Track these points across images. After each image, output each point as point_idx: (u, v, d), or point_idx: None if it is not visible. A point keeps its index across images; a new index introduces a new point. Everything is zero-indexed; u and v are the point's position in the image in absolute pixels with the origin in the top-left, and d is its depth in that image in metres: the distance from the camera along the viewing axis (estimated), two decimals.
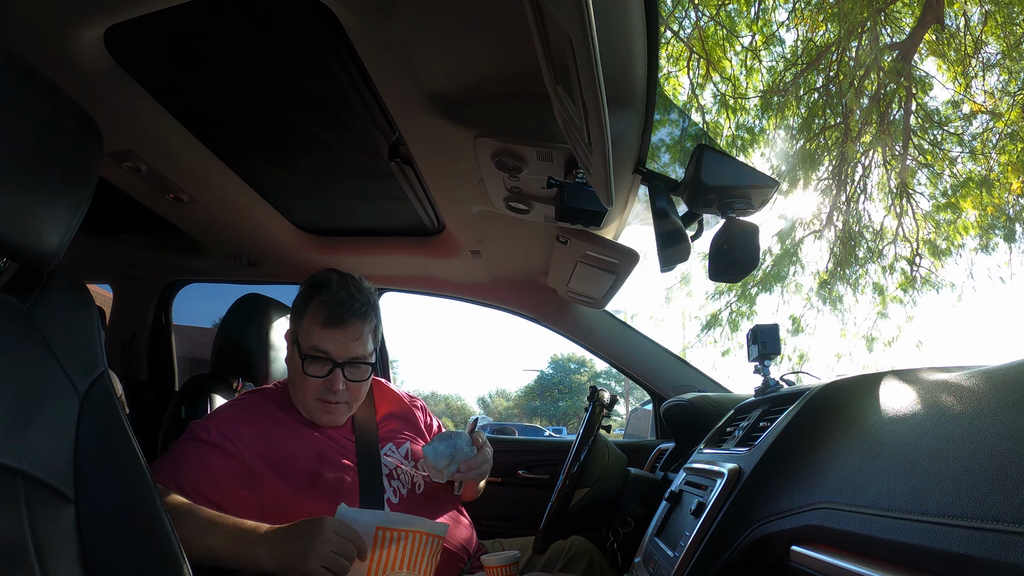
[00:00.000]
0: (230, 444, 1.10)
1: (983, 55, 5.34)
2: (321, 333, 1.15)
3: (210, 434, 1.11)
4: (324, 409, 1.18)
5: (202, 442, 1.10)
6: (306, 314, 1.17)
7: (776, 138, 5.69)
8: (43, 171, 0.70)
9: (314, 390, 1.17)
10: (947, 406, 0.51)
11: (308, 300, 1.18)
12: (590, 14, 0.48)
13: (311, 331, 1.15)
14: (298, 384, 1.18)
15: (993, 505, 0.37)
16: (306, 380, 1.15)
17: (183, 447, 1.11)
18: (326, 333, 1.15)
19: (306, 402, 1.18)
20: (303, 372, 1.15)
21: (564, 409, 30.58)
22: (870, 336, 6.39)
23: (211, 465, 1.08)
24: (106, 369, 0.80)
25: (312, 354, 1.15)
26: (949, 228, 5.85)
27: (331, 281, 1.18)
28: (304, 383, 1.16)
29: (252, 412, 1.18)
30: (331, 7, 0.82)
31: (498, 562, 1.11)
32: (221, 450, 1.10)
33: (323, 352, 1.15)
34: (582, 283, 1.59)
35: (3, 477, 0.64)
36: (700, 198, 0.96)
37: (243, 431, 1.13)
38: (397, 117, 1.07)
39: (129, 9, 0.83)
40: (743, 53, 5.33)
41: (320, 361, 1.15)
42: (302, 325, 1.17)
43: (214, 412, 1.19)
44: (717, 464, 0.86)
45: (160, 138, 1.18)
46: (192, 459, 1.08)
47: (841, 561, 0.49)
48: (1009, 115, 5.35)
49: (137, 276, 2.10)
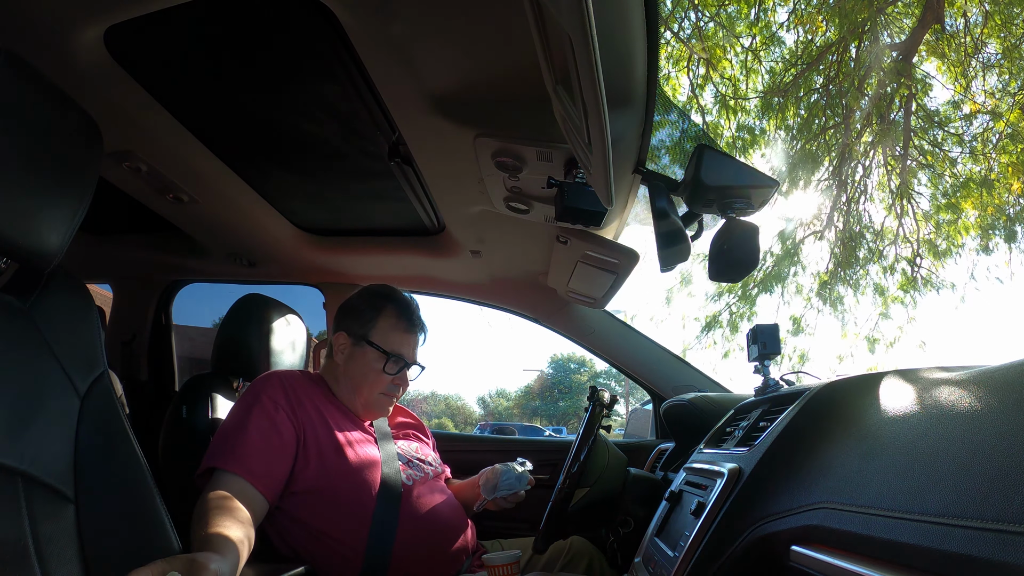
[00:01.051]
0: (294, 406, 1.17)
1: (983, 55, 5.34)
2: (402, 337, 1.31)
3: (277, 398, 1.17)
4: (387, 402, 1.33)
5: (273, 409, 1.15)
6: (379, 320, 1.31)
7: (776, 139, 5.68)
8: (43, 171, 0.70)
9: (384, 385, 1.30)
10: (947, 406, 0.51)
11: (379, 307, 1.32)
12: (590, 14, 0.48)
13: (392, 335, 1.30)
14: (366, 380, 1.28)
15: (993, 505, 0.37)
16: (381, 376, 1.28)
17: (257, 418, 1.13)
18: (405, 338, 1.32)
19: (371, 395, 1.29)
20: (381, 370, 1.28)
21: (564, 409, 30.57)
22: (871, 337, 6.37)
23: (277, 440, 1.12)
24: (106, 369, 0.80)
25: (395, 355, 1.29)
26: (950, 228, 5.84)
27: (397, 294, 1.36)
28: (379, 379, 1.28)
29: (301, 390, 1.23)
30: (331, 7, 0.82)
31: (500, 561, 1.11)
32: (285, 414, 1.16)
33: (401, 354, 1.30)
34: (582, 283, 1.59)
35: (3, 477, 0.64)
36: (700, 198, 0.96)
37: (315, 396, 1.23)
38: (397, 117, 1.07)
39: (129, 9, 0.83)
40: (743, 54, 5.33)
41: (399, 362, 1.30)
42: (377, 328, 1.30)
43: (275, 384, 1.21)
44: (717, 464, 0.85)
45: (160, 138, 1.18)
46: (265, 436, 1.11)
47: (841, 561, 0.49)
48: (1009, 115, 5.35)
49: (137, 276, 2.10)
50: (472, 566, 1.28)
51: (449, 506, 1.29)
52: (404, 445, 1.35)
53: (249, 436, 1.09)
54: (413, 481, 1.25)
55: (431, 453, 1.41)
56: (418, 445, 1.40)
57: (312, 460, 1.14)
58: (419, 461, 1.33)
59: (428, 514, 1.22)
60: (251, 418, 1.12)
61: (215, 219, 1.57)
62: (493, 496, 1.31)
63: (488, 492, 1.31)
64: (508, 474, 1.31)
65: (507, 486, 1.30)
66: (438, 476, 1.36)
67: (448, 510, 1.28)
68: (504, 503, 1.34)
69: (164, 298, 2.14)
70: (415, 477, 1.27)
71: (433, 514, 1.23)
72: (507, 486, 1.30)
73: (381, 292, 1.35)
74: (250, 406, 1.14)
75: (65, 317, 0.77)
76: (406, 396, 1.42)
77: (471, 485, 1.40)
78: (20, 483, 0.65)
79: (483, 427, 22.64)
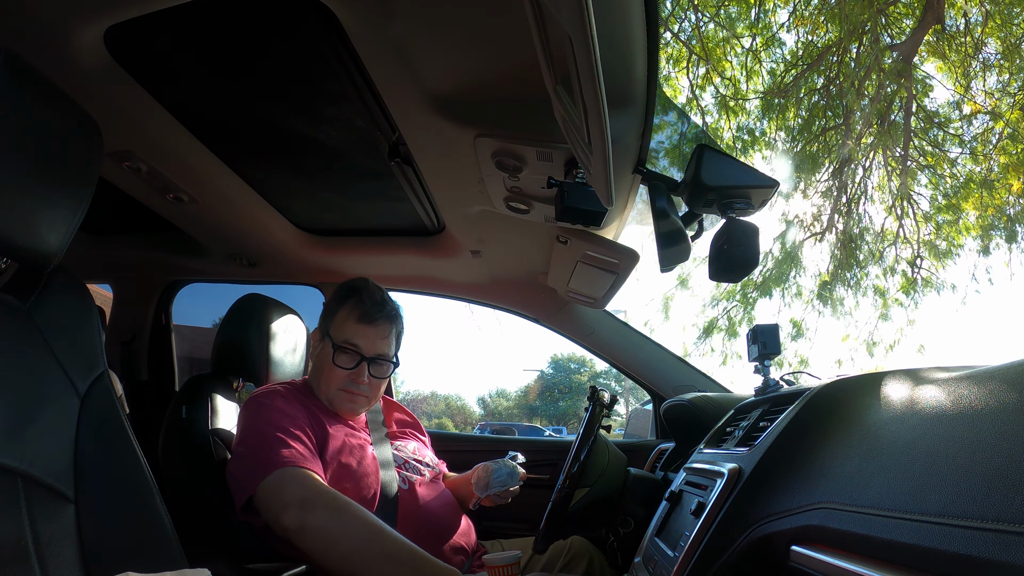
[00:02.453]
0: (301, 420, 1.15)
1: (983, 56, 5.34)
2: (354, 328, 1.23)
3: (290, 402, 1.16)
4: (347, 398, 1.24)
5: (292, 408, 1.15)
6: (340, 311, 1.25)
7: (777, 140, 5.68)
8: (43, 171, 0.70)
9: (340, 380, 1.23)
10: (947, 406, 0.51)
11: (343, 300, 1.26)
12: (590, 14, 0.48)
13: (344, 326, 1.23)
14: (324, 374, 1.24)
15: (993, 505, 0.36)
16: (334, 370, 1.22)
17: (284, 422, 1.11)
18: (359, 329, 1.23)
19: (329, 391, 1.24)
20: (332, 363, 1.21)
21: (564, 409, 30.55)
22: (871, 341, 6.36)
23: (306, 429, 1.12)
24: (106, 369, 0.80)
25: (344, 346, 1.22)
26: (951, 229, 5.84)
27: (366, 286, 1.28)
28: (332, 373, 1.22)
29: (294, 396, 1.21)
30: (331, 7, 0.82)
31: (500, 562, 1.11)
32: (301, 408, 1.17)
33: (354, 346, 1.23)
34: (582, 283, 1.59)
35: (3, 477, 0.64)
36: (700, 198, 0.96)
37: (297, 412, 1.18)
38: (397, 117, 1.07)
39: (129, 9, 0.83)
40: (744, 55, 5.33)
41: (350, 354, 1.23)
42: (335, 321, 1.25)
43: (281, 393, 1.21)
44: (717, 464, 0.85)
45: (160, 138, 1.18)
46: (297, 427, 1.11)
47: (841, 561, 0.49)
48: (1009, 115, 5.35)
49: (137, 276, 2.10)
50: (472, 566, 1.28)
51: (449, 507, 1.29)
52: (403, 446, 1.34)
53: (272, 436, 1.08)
54: (410, 484, 1.25)
55: (429, 453, 1.41)
56: (417, 445, 1.39)
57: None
58: (417, 462, 1.32)
59: (428, 516, 1.22)
60: (260, 423, 1.11)
61: (215, 219, 1.57)
62: (486, 494, 1.31)
63: (480, 490, 1.31)
64: (499, 472, 1.31)
65: (499, 483, 1.30)
66: (436, 477, 1.35)
67: (448, 511, 1.28)
68: (498, 499, 1.33)
69: (164, 298, 2.14)
70: (412, 479, 1.26)
71: (433, 516, 1.23)
72: (499, 483, 1.30)
73: (350, 285, 1.29)
74: (254, 415, 1.14)
75: (65, 317, 0.77)
76: (406, 396, 1.42)
77: (465, 481, 1.39)
78: (20, 483, 0.65)
79: (483, 427, 22.61)
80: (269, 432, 1.08)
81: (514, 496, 1.35)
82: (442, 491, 1.32)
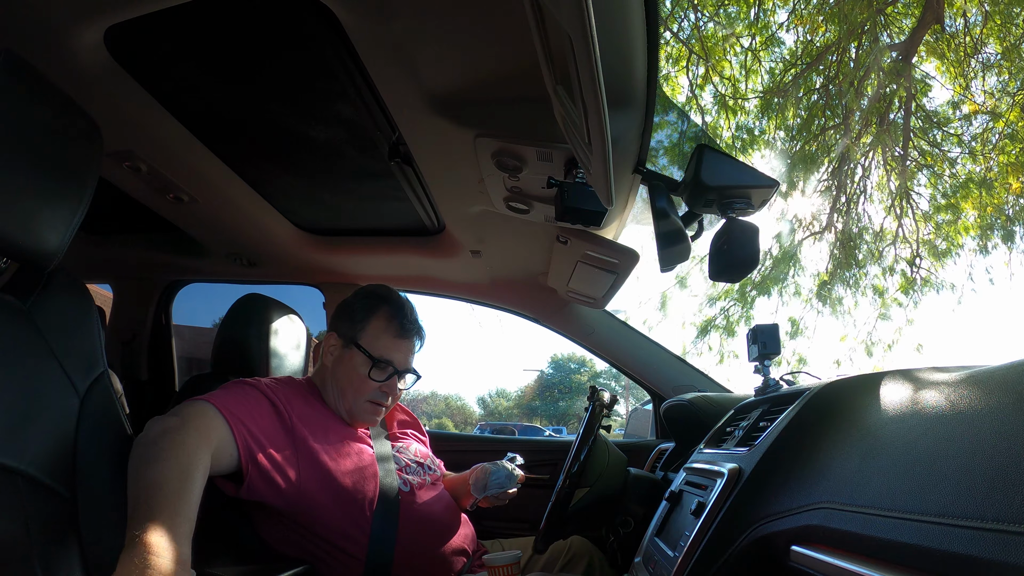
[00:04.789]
0: (280, 403, 1.10)
1: (983, 55, 5.34)
2: (392, 343, 1.23)
3: (260, 384, 1.11)
4: (372, 410, 1.23)
5: (255, 388, 1.09)
6: (371, 322, 1.23)
7: (776, 139, 5.68)
8: (43, 171, 0.70)
9: (369, 391, 1.22)
10: (947, 406, 0.51)
11: (371, 310, 1.24)
12: (590, 14, 0.48)
13: (380, 340, 1.22)
14: (351, 384, 1.21)
15: (993, 505, 0.37)
16: (366, 382, 1.21)
17: (238, 387, 1.07)
18: (396, 343, 1.24)
19: (356, 402, 1.21)
20: (367, 376, 1.20)
21: (564, 409, 30.56)
22: (870, 340, 6.35)
23: (262, 412, 1.06)
24: (106, 369, 0.80)
25: (383, 360, 1.21)
26: (950, 229, 5.84)
27: (393, 296, 1.28)
28: (364, 384, 1.21)
29: (297, 390, 1.19)
30: (331, 7, 0.82)
31: (500, 562, 1.11)
32: (271, 403, 1.09)
33: (389, 360, 1.22)
34: (582, 283, 1.59)
35: (3, 477, 0.64)
36: (700, 198, 0.96)
37: (294, 400, 1.14)
38: (397, 117, 1.07)
39: (129, 9, 0.83)
40: (743, 54, 5.33)
41: (386, 368, 1.22)
42: (367, 332, 1.23)
43: (254, 379, 1.15)
44: (717, 464, 0.85)
45: (160, 138, 1.18)
46: (249, 400, 1.06)
47: (841, 561, 0.49)
48: (1009, 115, 5.35)
49: (137, 276, 2.10)
50: (472, 566, 1.28)
51: (449, 509, 1.29)
52: (403, 448, 1.34)
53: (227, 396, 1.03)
54: (411, 486, 1.24)
55: (429, 454, 1.41)
56: (417, 447, 1.39)
57: (305, 466, 1.09)
58: (417, 465, 1.32)
59: (429, 519, 1.22)
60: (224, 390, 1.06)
61: (215, 219, 1.57)
62: (483, 495, 1.30)
63: (478, 491, 1.30)
64: (497, 474, 1.30)
65: (497, 485, 1.29)
66: (437, 479, 1.35)
67: (448, 513, 1.28)
68: (495, 501, 1.33)
69: (164, 298, 2.14)
70: (413, 482, 1.25)
71: (434, 518, 1.23)
72: (497, 485, 1.29)
73: (376, 293, 1.28)
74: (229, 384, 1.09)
75: (65, 317, 0.77)
76: (406, 396, 1.42)
77: (462, 480, 1.39)
78: (20, 483, 0.65)
79: (483, 427, 22.60)
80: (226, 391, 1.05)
81: (511, 498, 1.35)
82: (443, 494, 1.32)
